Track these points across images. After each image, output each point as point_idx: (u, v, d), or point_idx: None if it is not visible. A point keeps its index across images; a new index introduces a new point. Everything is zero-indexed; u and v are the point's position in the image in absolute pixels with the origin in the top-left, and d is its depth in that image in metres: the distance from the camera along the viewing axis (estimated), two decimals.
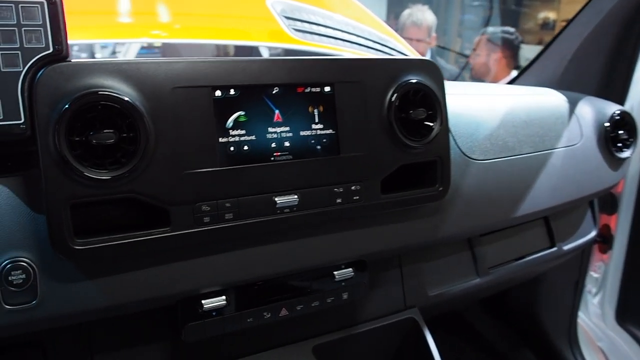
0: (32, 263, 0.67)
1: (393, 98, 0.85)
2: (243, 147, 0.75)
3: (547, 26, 6.03)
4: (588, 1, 1.45)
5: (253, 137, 0.76)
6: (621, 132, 1.29)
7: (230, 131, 0.74)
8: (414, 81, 0.87)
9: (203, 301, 0.79)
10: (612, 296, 1.61)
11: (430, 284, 1.10)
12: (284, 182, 0.78)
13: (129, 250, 0.69)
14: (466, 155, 1.03)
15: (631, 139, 1.30)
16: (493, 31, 3.49)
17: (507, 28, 3.40)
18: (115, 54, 2.82)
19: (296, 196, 0.79)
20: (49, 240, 0.65)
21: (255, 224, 0.76)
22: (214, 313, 0.81)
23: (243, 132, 0.75)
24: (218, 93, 0.74)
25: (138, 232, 0.70)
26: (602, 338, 1.65)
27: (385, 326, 1.03)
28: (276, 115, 0.78)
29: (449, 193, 0.95)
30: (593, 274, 1.66)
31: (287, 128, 0.79)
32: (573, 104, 1.28)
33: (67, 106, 0.63)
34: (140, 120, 0.67)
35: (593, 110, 1.30)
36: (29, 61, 0.63)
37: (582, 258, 1.59)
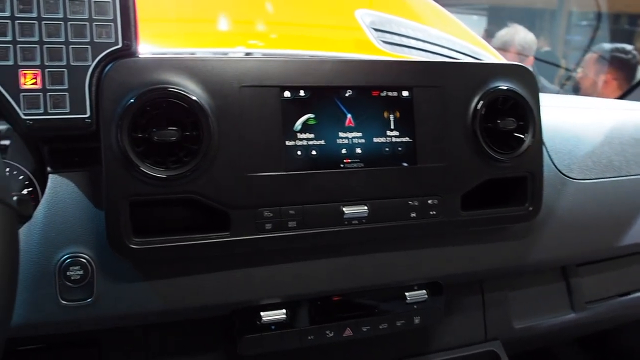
0: (91, 260, 0.66)
1: (479, 106, 0.77)
2: (311, 152, 0.71)
3: None
4: None
5: (322, 142, 0.72)
6: None
7: (298, 134, 0.70)
8: (504, 88, 0.78)
9: (262, 313, 0.75)
10: None
11: (516, 316, 0.99)
12: (354, 192, 0.73)
13: (187, 253, 0.67)
14: (563, 173, 0.93)
15: None
16: (606, 49, 3.23)
17: (623, 46, 3.13)
18: None
19: (366, 207, 0.73)
20: (107, 237, 0.64)
21: (320, 235, 0.71)
22: (273, 327, 0.76)
23: (312, 136, 0.71)
24: (287, 94, 0.70)
25: (196, 235, 0.67)
26: None
27: (461, 358, 0.94)
28: (348, 119, 0.73)
29: (541, 214, 0.85)
30: None
31: (360, 134, 0.73)
32: None
33: (132, 101, 0.62)
34: (204, 119, 0.64)
35: None
36: (98, 56, 0.63)
37: None
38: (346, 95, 0.73)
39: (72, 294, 0.65)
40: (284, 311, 0.76)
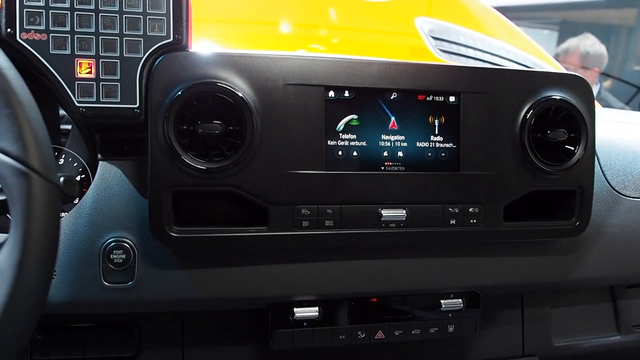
0: (134, 245, 0.68)
1: (528, 115, 0.75)
2: (352, 153, 0.71)
3: None
4: None
5: (364, 143, 0.72)
6: None
7: (340, 134, 0.71)
8: (557, 97, 0.76)
9: (295, 309, 0.76)
10: None
11: (557, 333, 0.96)
12: (393, 195, 0.72)
13: (224, 244, 0.68)
14: (616, 190, 0.89)
15: None
16: None
17: None
18: None
19: (404, 211, 0.72)
20: (149, 224, 0.66)
21: (356, 235, 0.71)
22: (305, 323, 0.77)
23: (354, 137, 0.71)
24: (331, 94, 0.70)
25: (235, 228, 0.69)
26: None
27: None
28: (392, 122, 0.73)
29: (589, 230, 0.82)
30: None
31: (403, 137, 0.73)
32: None
33: (179, 94, 0.64)
34: (248, 114, 0.65)
35: None
36: (150, 48, 0.65)
37: None
38: (391, 98, 0.72)
39: (115, 277, 0.68)
40: (317, 309, 0.77)
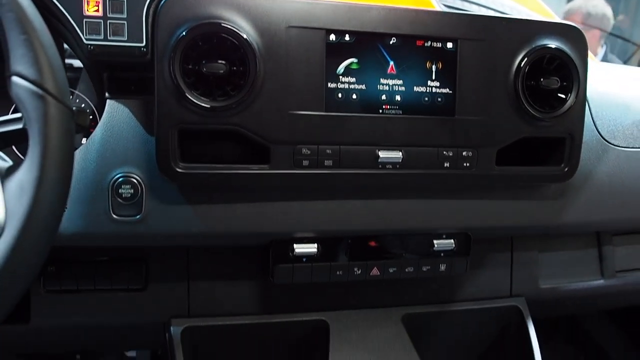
0: (141, 180, 0.71)
1: (522, 63, 0.77)
2: (351, 96, 0.74)
3: None
4: None
5: (363, 87, 0.74)
6: None
7: (340, 77, 0.73)
8: (552, 46, 0.78)
9: (295, 245, 0.80)
10: None
11: (543, 276, 1.00)
12: (390, 137, 0.75)
13: (228, 180, 0.71)
14: (605, 139, 0.92)
15: None
16: None
17: None
18: None
19: (401, 153, 0.75)
20: (156, 160, 0.69)
21: (354, 176, 0.75)
22: (305, 259, 0.81)
23: (353, 80, 0.74)
24: (332, 37, 0.72)
25: (238, 165, 0.72)
26: None
27: (484, 310, 0.96)
28: (390, 66, 0.75)
29: (578, 177, 0.86)
30: None
31: (401, 82, 0.75)
32: None
33: (184, 34, 0.66)
34: (252, 55, 0.68)
35: None
36: None
37: None
38: (390, 42, 0.74)
39: (123, 210, 0.71)
40: (316, 246, 0.81)
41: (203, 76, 0.67)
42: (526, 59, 0.77)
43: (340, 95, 0.73)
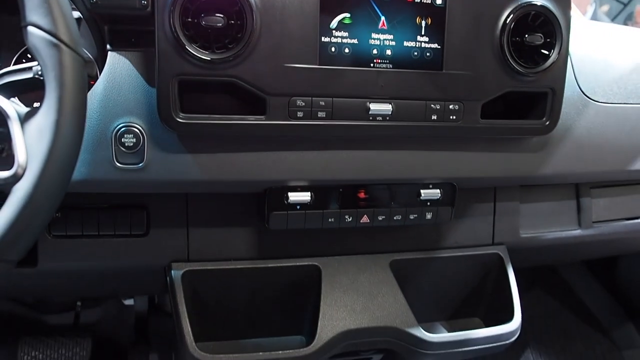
0: (143, 130, 0.75)
1: (508, 19, 0.81)
2: (344, 50, 0.77)
3: None
4: None
5: (355, 41, 0.77)
6: None
7: (333, 32, 0.76)
8: (537, 4, 0.81)
9: (289, 193, 0.84)
10: None
11: (524, 225, 1.06)
12: (380, 90, 0.79)
13: (225, 130, 0.75)
14: (586, 94, 0.96)
15: None
16: None
17: None
18: None
19: (391, 106, 0.79)
20: (157, 110, 0.72)
21: (345, 127, 0.79)
22: (298, 207, 0.85)
23: (346, 35, 0.77)
24: None
25: (235, 116, 0.75)
26: None
27: (467, 257, 1.02)
28: (382, 22, 0.78)
29: (558, 131, 0.90)
30: None
31: (391, 36, 0.78)
32: None
33: None
34: (248, 9, 0.70)
35: None
36: None
37: None
38: None
39: (126, 158, 0.75)
40: (309, 194, 0.85)
41: (202, 29, 0.70)
42: (512, 16, 0.81)
43: (333, 49, 0.76)
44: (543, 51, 0.83)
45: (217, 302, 0.94)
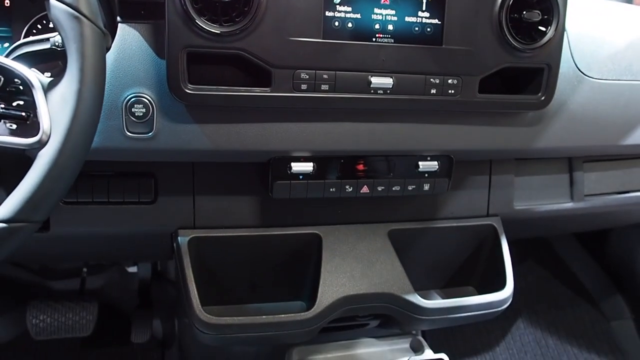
0: (152, 100, 0.77)
1: None
2: (347, 24, 0.79)
3: None
4: None
5: (358, 16, 0.79)
6: None
7: (337, 6, 0.78)
8: None
9: (292, 164, 0.87)
10: None
11: (518, 197, 1.09)
12: (382, 64, 0.81)
13: (232, 102, 0.78)
14: (581, 71, 0.99)
15: None
16: None
17: None
18: None
19: (391, 80, 0.82)
20: (167, 81, 0.75)
21: (348, 99, 0.81)
22: (301, 177, 0.89)
23: (349, 9, 0.79)
24: None
25: (242, 88, 0.78)
26: None
27: (462, 227, 1.06)
28: None
29: (554, 106, 0.93)
30: None
31: (393, 12, 0.81)
32: None
33: None
34: None
35: None
36: None
37: None
38: None
39: (136, 128, 0.78)
40: (312, 164, 0.88)
41: (210, 2, 0.72)
42: None
43: (337, 23, 0.79)
44: (540, 28, 0.86)
45: (222, 268, 0.98)
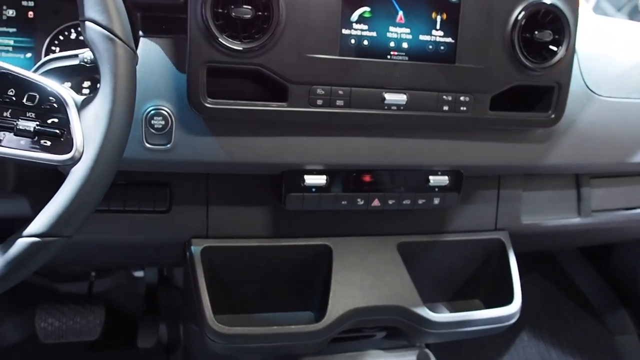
0: (171, 113, 0.79)
1: (520, 16, 0.84)
2: (363, 42, 0.81)
3: None
4: None
5: (374, 34, 0.81)
6: None
7: (353, 24, 0.80)
8: (547, 2, 0.85)
9: (305, 176, 0.89)
10: None
11: (526, 212, 1.11)
12: (396, 81, 0.83)
13: (250, 116, 0.80)
14: (590, 89, 1.00)
15: None
16: None
17: None
18: None
19: (405, 96, 0.84)
20: (187, 95, 0.77)
21: (362, 115, 0.83)
22: (314, 189, 0.90)
23: (365, 27, 0.81)
24: None
25: (259, 102, 0.80)
26: None
27: (471, 241, 1.07)
28: (399, 16, 0.82)
29: (563, 123, 0.95)
30: None
31: (408, 30, 0.83)
32: None
33: None
34: (275, 1, 0.74)
35: None
36: None
37: None
38: None
39: (155, 139, 0.79)
40: (325, 177, 0.90)
41: (231, 19, 0.74)
42: (523, 13, 0.85)
43: (353, 40, 0.80)
44: (551, 47, 0.87)
45: (232, 277, 0.99)
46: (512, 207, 1.09)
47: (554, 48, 0.87)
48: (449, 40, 0.84)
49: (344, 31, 0.80)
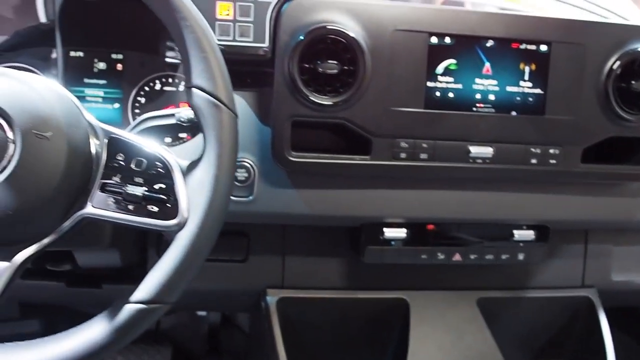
0: (254, 165, 0.80)
1: (615, 65, 0.81)
2: (448, 94, 0.79)
3: None
4: None
5: (459, 86, 0.79)
6: None
7: (439, 77, 0.78)
8: None
9: (385, 229, 0.87)
10: None
11: (616, 269, 1.04)
12: (482, 134, 0.80)
13: (333, 169, 0.79)
14: None
15: None
16: None
17: None
18: None
19: (491, 149, 0.81)
20: (271, 148, 0.77)
21: (446, 168, 0.80)
22: (393, 242, 0.88)
23: (451, 80, 0.79)
24: (434, 40, 0.77)
25: (343, 156, 0.79)
26: None
27: (556, 298, 1.01)
28: (486, 67, 0.80)
29: None
30: None
31: (495, 82, 0.80)
32: None
33: (302, 37, 0.72)
34: (361, 55, 0.74)
35: None
36: None
37: None
38: (487, 45, 0.79)
39: (238, 191, 0.80)
40: (405, 230, 0.87)
41: (317, 74, 0.74)
42: (619, 62, 0.81)
43: (438, 93, 0.79)
44: None
45: (306, 328, 0.98)
46: (602, 263, 1.03)
47: None
48: (538, 91, 0.81)
49: (429, 84, 0.78)
